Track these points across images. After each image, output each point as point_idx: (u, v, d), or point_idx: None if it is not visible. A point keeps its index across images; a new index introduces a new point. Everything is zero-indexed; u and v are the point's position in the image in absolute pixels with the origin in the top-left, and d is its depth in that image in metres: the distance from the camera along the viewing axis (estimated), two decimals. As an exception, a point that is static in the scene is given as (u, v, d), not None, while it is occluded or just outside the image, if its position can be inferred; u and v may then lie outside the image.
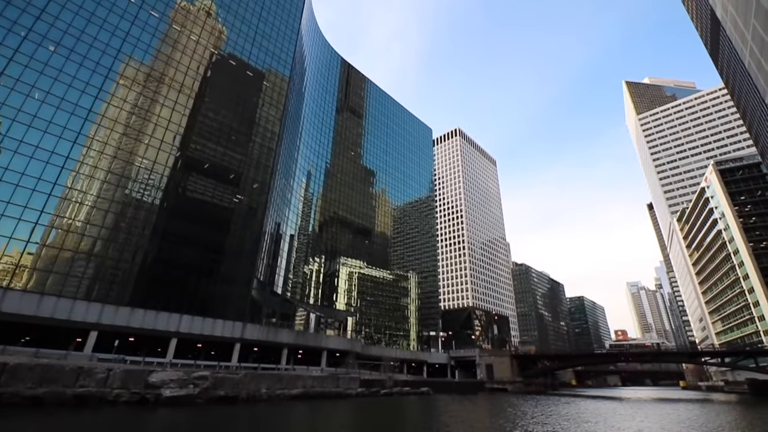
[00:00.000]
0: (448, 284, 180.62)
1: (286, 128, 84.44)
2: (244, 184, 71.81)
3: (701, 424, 32.27)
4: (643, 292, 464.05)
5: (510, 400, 61.95)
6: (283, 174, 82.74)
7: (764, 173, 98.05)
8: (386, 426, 28.97)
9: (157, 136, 63.02)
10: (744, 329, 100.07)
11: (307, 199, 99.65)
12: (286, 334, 67.11)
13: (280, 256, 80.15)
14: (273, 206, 75.88)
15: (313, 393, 46.82)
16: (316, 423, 29.42)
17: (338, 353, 75.81)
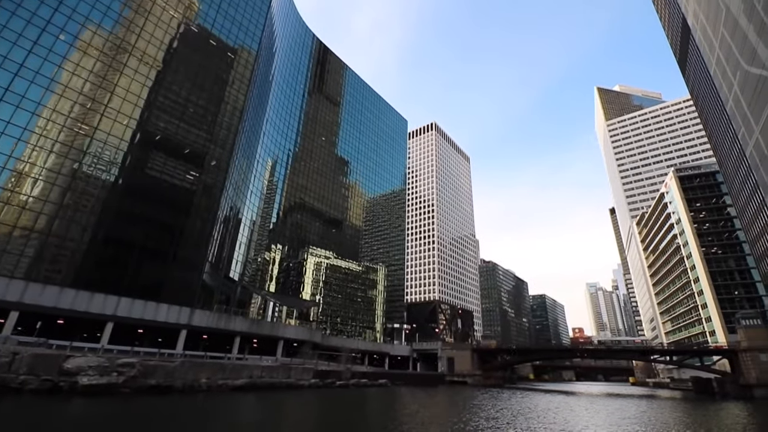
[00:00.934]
0: (416, 278, 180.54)
1: (251, 105, 79.73)
2: (202, 162, 67.10)
3: (647, 420, 32.06)
4: (601, 292, 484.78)
5: (466, 393, 61.38)
6: (245, 154, 78.20)
7: (719, 182, 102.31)
8: (321, 421, 26.65)
9: (114, 107, 58.13)
10: (692, 330, 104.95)
11: (272, 183, 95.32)
12: (240, 322, 63.49)
13: (238, 240, 75.93)
14: (232, 186, 71.48)
15: (260, 384, 43.93)
16: (241, 416, 26.69)
17: (296, 343, 72.90)
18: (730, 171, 79.92)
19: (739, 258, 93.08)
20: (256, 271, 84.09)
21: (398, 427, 24.73)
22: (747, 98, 57.10)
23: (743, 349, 66.89)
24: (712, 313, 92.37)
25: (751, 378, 63.64)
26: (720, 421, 35.07)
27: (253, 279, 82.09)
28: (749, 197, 71.96)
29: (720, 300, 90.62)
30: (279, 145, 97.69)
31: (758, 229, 70.95)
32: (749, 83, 55.28)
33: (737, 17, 54.23)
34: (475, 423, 26.55)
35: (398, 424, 26.31)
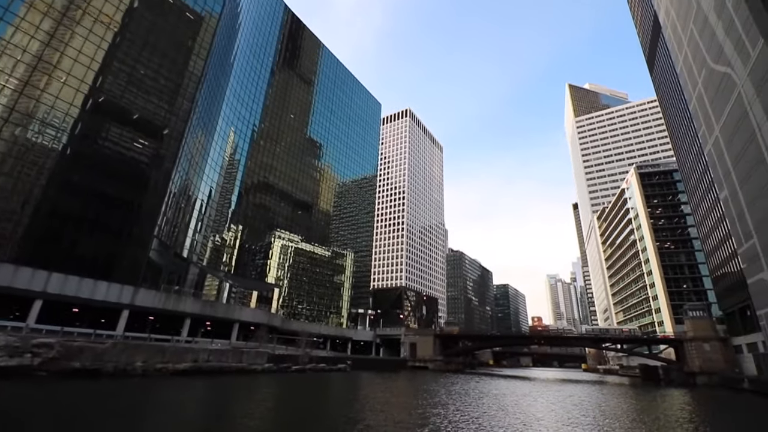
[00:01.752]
0: (383, 264, 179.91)
1: (211, 73, 74.00)
2: (153, 130, 61.60)
3: (594, 405, 32.03)
4: (560, 284, 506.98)
5: (425, 378, 60.90)
6: (203, 124, 72.77)
7: (676, 180, 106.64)
8: (256, 407, 24.35)
9: (65, 68, 52.27)
10: (642, 320, 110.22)
11: (234, 158, 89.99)
12: (191, 303, 59.52)
13: (192, 216, 71.09)
14: (186, 158, 66.33)
15: (207, 368, 40.93)
16: (163, 403, 23.96)
17: (253, 326, 69.69)
18: (688, 169, 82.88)
19: (690, 253, 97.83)
20: (214, 251, 79.55)
21: (342, 411, 22.87)
22: (710, 96, 58.30)
23: (689, 339, 70.24)
24: (661, 305, 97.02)
25: (695, 366, 66.99)
26: (665, 406, 35.83)
27: (208, 259, 77.58)
28: (704, 195, 74.82)
29: (670, 292, 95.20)
30: (242, 118, 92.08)
31: (710, 225, 74.07)
32: (713, 81, 56.32)
33: (707, 13, 54.73)
34: (421, 411, 25.14)
35: (345, 409, 24.45)
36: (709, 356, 66.53)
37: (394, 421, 20.69)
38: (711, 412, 34.35)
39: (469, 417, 22.58)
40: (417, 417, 22.29)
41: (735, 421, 29.32)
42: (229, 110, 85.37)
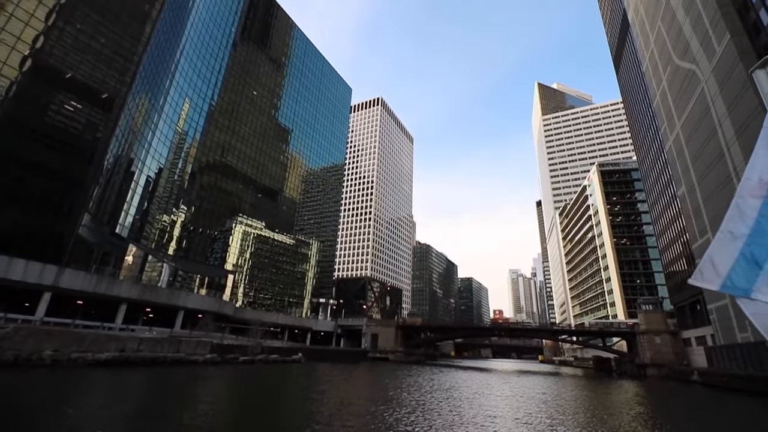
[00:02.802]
0: (349, 254, 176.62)
1: (161, 37, 67.08)
2: (89, 93, 54.76)
3: (550, 398, 30.75)
4: (521, 278, 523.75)
5: (384, 369, 58.74)
6: (150, 93, 65.99)
7: (634, 179, 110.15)
8: (162, 405, 20.78)
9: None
10: (597, 313, 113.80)
11: (187, 134, 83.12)
12: (127, 287, 53.84)
13: (135, 192, 64.63)
14: (128, 128, 59.77)
15: (136, 359, 36.32)
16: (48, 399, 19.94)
17: (201, 314, 64.65)
18: (647, 167, 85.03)
19: (644, 249, 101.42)
20: (160, 232, 73.18)
21: (265, 408, 19.77)
22: (673, 93, 58.93)
23: (641, 331, 72.19)
24: (616, 299, 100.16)
25: (646, 358, 68.90)
26: (617, 396, 35.38)
27: (155, 240, 71.27)
28: (661, 192, 76.82)
29: (624, 287, 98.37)
30: (199, 91, 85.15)
31: (665, 222, 76.27)
32: (677, 78, 56.85)
33: (675, 10, 54.83)
34: (359, 405, 22.46)
35: (271, 404, 21.33)
36: (660, 349, 68.59)
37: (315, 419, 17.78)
38: (663, 401, 34.04)
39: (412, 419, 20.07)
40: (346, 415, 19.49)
41: (682, 409, 28.78)
42: (183, 80, 78.41)
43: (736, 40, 40.60)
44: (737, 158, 42.33)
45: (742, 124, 40.95)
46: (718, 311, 51.03)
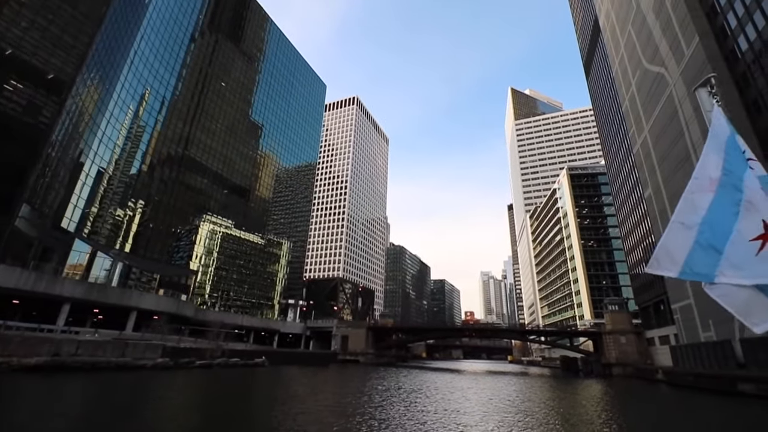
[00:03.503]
0: (321, 254, 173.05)
1: (118, 16, 62.25)
2: (34, 74, 49.75)
3: (516, 399, 29.62)
4: (492, 280, 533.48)
5: (351, 373, 56.49)
6: (102, 75, 60.96)
7: (601, 183, 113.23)
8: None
9: None
10: (565, 314, 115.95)
11: (147, 125, 77.85)
12: (71, 285, 49.02)
13: (85, 183, 59.41)
14: (75, 112, 54.78)
15: (72, 363, 32.43)
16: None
17: (157, 315, 60.09)
18: (615, 171, 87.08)
19: (609, 251, 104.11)
20: (113, 228, 67.79)
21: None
22: (642, 96, 60.08)
23: (607, 331, 73.43)
24: (583, 300, 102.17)
25: (612, 358, 70.00)
26: (584, 395, 34.87)
27: (106, 236, 65.90)
28: (628, 195, 78.65)
29: (591, 288, 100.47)
30: (160, 78, 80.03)
31: (631, 225, 78.10)
32: (646, 81, 57.96)
33: (646, 14, 55.84)
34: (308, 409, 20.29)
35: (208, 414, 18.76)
36: (625, 348, 69.89)
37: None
38: (631, 401, 33.67)
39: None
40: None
41: (651, 410, 28.29)
42: (142, 66, 73.28)
43: (704, 42, 41.32)
44: (703, 160, 43.00)
45: (708, 127, 41.57)
46: (682, 311, 52.05)
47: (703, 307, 45.09)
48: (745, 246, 2.49)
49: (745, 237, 2.51)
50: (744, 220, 2.57)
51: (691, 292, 48.26)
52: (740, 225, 2.57)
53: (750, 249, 2.47)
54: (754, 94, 36.51)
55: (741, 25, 36.84)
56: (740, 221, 2.59)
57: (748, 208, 2.61)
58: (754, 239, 2.46)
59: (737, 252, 2.50)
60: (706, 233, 2.65)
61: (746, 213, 2.60)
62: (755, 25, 35.01)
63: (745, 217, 2.58)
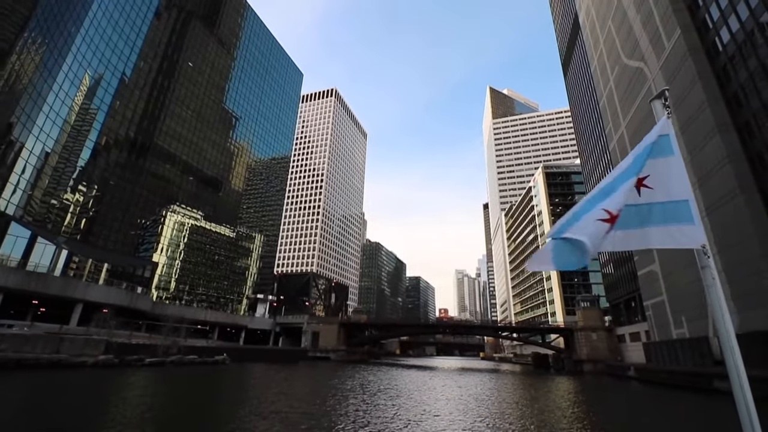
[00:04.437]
0: (295, 248, 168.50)
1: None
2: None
3: (488, 398, 27.79)
4: (466, 278, 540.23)
5: (319, 371, 53.66)
6: (49, 42, 55.12)
7: (574, 182, 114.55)
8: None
9: None
10: (537, 311, 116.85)
11: (102, 101, 71.74)
12: (2, 273, 43.73)
13: (27, 161, 53.61)
14: (15, 81, 49.10)
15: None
16: None
17: (106, 309, 55.04)
18: (590, 169, 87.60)
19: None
20: (59, 212, 61.90)
21: None
22: (620, 92, 59.76)
23: (579, 328, 73.54)
24: (555, 297, 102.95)
25: (583, 354, 70.09)
26: (558, 394, 33.60)
27: (52, 221, 60.06)
28: (602, 193, 78.92)
29: (563, 285, 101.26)
30: (119, 52, 73.90)
31: (604, 222, 78.42)
32: (625, 77, 57.58)
33: (627, 9, 55.28)
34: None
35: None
36: (596, 345, 70.12)
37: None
38: (606, 398, 32.53)
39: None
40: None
41: (620, 405, 27.03)
42: (97, 37, 67.15)
43: (686, 35, 40.67)
44: (682, 153, 42.51)
45: (687, 120, 41.13)
46: (654, 308, 52.01)
47: (676, 304, 44.92)
48: (594, 214, 2.70)
49: (599, 207, 2.71)
50: (607, 200, 2.75)
51: (663, 289, 48.12)
52: (601, 204, 2.74)
53: (595, 215, 2.68)
54: (734, 87, 36.00)
55: (724, 16, 36.22)
56: (601, 202, 2.76)
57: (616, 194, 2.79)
58: (604, 209, 2.67)
59: (587, 219, 2.69)
60: (570, 217, 2.80)
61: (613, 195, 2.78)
62: (738, 17, 34.36)
63: (610, 199, 2.76)
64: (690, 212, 2.82)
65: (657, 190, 2.95)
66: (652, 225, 2.91)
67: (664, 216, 2.89)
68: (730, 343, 2.49)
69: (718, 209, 36.50)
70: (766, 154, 32.68)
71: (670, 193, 2.91)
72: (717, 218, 36.88)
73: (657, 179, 2.96)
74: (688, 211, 2.83)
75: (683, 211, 2.85)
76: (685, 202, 2.86)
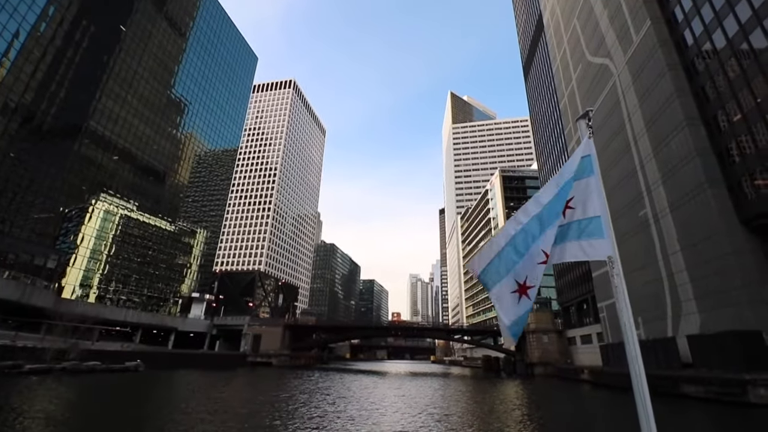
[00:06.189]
0: (242, 246, 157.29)
1: None
2: None
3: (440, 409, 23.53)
4: (420, 283, 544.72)
5: (250, 379, 46.94)
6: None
7: (528, 186, 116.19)
8: None
9: None
10: (489, 313, 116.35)
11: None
12: None
13: None
14: None
15: None
16: None
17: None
18: (547, 171, 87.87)
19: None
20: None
21: None
22: (582, 91, 58.98)
23: (531, 330, 72.29)
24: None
25: (534, 357, 68.74)
26: (515, 402, 30.29)
27: None
28: (557, 195, 78.96)
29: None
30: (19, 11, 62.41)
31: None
32: (589, 75, 56.74)
33: (593, 4, 54.43)
34: None
35: None
36: (547, 347, 69.12)
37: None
38: (565, 403, 29.43)
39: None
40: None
41: (575, 410, 23.88)
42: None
43: (656, 27, 39.51)
44: (645, 151, 41.45)
45: (652, 116, 39.92)
46: (608, 309, 50.97)
47: (632, 305, 43.43)
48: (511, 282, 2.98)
49: (514, 276, 2.93)
50: (522, 263, 2.97)
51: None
52: (518, 267, 2.96)
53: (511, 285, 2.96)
54: (703, 80, 34.88)
55: (697, 6, 35.07)
56: (518, 264, 2.99)
57: (529, 256, 2.99)
58: (514, 291, 2.87)
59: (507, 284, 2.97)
60: (504, 253, 3.07)
61: (527, 259, 2.97)
62: (713, 6, 33.17)
63: (524, 262, 2.98)
64: (601, 227, 3.07)
65: (577, 209, 3.19)
66: (568, 240, 3.16)
67: (579, 232, 3.14)
68: (635, 348, 2.72)
69: (683, 205, 35.14)
70: (734, 148, 31.48)
71: (586, 211, 3.16)
72: (681, 215, 35.52)
73: (578, 199, 3.18)
74: (600, 227, 3.07)
75: (595, 226, 3.09)
76: (598, 218, 3.09)
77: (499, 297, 3.01)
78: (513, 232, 3.14)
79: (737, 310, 28.40)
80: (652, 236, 39.63)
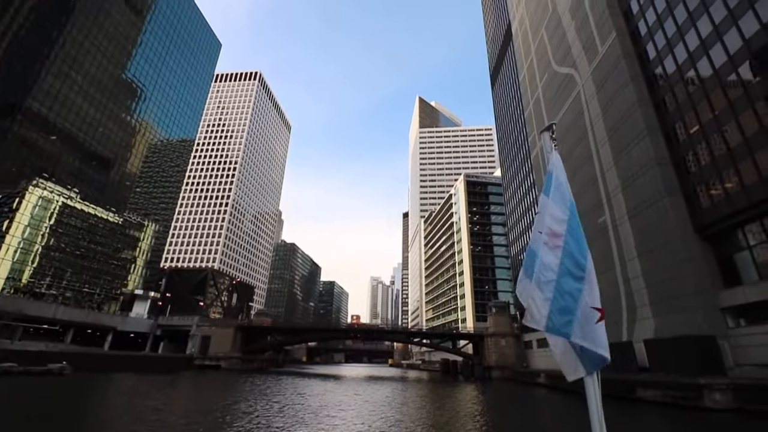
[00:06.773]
0: (196, 242, 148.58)
1: None
2: None
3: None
4: (381, 285, 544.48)
5: (194, 384, 43.10)
6: None
7: (490, 192, 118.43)
8: None
9: None
10: (448, 317, 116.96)
11: None
12: None
13: None
14: None
15: None
16: None
17: None
18: (510, 177, 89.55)
19: (493, 257, 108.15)
20: None
21: None
22: (548, 99, 60.19)
23: (489, 334, 72.85)
24: (467, 303, 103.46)
25: (492, 361, 69.13)
26: (472, 406, 29.47)
27: None
28: (519, 201, 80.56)
29: (475, 292, 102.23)
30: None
31: (519, 230, 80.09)
32: (554, 84, 57.94)
33: (562, 15, 55.65)
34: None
35: None
36: (504, 351, 69.76)
37: None
38: (523, 407, 28.89)
39: None
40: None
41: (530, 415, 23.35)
42: None
43: (621, 38, 40.57)
44: (606, 159, 42.41)
45: (614, 125, 40.90)
46: (565, 314, 51.79)
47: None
48: (588, 312, 2.68)
49: (588, 303, 2.70)
50: (587, 286, 2.75)
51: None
52: (585, 292, 2.74)
53: (591, 316, 2.66)
54: (663, 92, 36.02)
55: (660, 20, 36.24)
56: (584, 289, 2.76)
57: (588, 274, 2.80)
58: (594, 308, 2.67)
59: (584, 316, 2.66)
60: (558, 298, 2.78)
61: (589, 279, 2.79)
62: (675, 21, 34.31)
63: (588, 283, 2.76)
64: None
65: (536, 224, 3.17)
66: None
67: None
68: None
69: (641, 213, 36.02)
70: (691, 159, 32.55)
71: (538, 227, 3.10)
72: (639, 222, 36.40)
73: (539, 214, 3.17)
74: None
75: None
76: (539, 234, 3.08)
77: (585, 336, 2.57)
78: (557, 259, 2.83)
79: (690, 315, 29.14)
80: (611, 243, 40.49)
